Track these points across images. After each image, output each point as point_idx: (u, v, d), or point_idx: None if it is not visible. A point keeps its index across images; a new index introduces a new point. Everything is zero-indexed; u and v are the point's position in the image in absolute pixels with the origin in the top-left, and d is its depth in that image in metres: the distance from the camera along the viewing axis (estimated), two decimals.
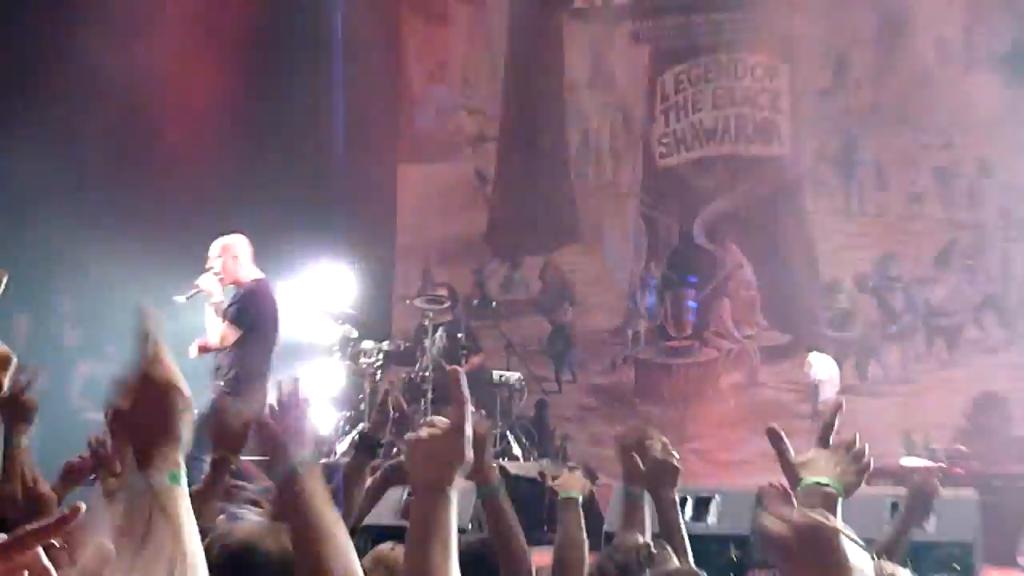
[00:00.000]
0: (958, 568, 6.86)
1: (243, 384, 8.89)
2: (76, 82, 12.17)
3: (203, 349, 9.00)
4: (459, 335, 11.68)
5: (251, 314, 9.00)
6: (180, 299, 8.80)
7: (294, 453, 2.13)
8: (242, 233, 10.71)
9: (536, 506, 8.71)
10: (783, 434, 2.83)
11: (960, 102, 11.54)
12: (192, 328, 9.53)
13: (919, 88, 11.73)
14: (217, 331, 8.89)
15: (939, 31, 11.70)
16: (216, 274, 8.93)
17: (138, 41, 12.37)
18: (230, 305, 8.91)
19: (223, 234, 10.66)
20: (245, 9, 13.12)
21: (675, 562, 4.04)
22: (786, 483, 3.60)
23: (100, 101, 12.39)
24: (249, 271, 9.02)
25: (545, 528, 7.99)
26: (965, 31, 11.64)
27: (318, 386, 11.27)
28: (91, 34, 12.06)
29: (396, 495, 7.15)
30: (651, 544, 4.02)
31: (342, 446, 10.71)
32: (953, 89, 11.59)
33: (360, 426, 10.60)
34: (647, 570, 3.91)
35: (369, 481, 4.53)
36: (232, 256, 8.99)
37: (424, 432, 1.92)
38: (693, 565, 4.20)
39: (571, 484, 4.33)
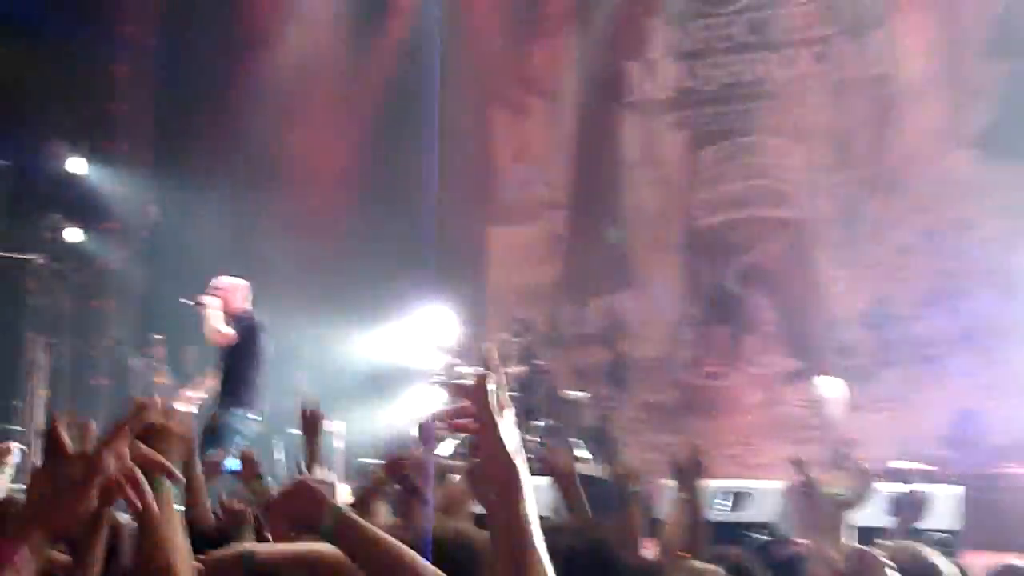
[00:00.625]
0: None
1: (240, 382, 8.81)
2: (237, 158, 12.73)
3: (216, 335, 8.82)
4: (536, 361, 11.70)
5: (255, 329, 8.89)
6: (184, 301, 8.88)
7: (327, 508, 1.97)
8: (366, 281, 11.51)
9: (604, 500, 9.32)
10: (803, 459, 3.58)
11: (941, 174, 11.55)
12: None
13: (907, 163, 11.80)
14: (224, 333, 8.72)
15: (924, 116, 11.73)
16: (217, 296, 8.83)
17: (285, 122, 12.91)
18: (242, 318, 8.85)
19: (360, 283, 11.38)
20: (367, 99, 13.40)
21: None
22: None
23: (256, 173, 12.91)
24: (243, 305, 8.99)
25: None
26: (944, 116, 11.65)
27: (429, 405, 11.42)
28: (251, 119, 12.54)
29: None
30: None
31: (447, 450, 10.58)
32: (935, 163, 11.63)
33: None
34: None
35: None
36: (235, 291, 8.94)
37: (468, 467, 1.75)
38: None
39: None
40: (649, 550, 4.23)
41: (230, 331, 8.76)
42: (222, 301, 8.85)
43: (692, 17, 13.02)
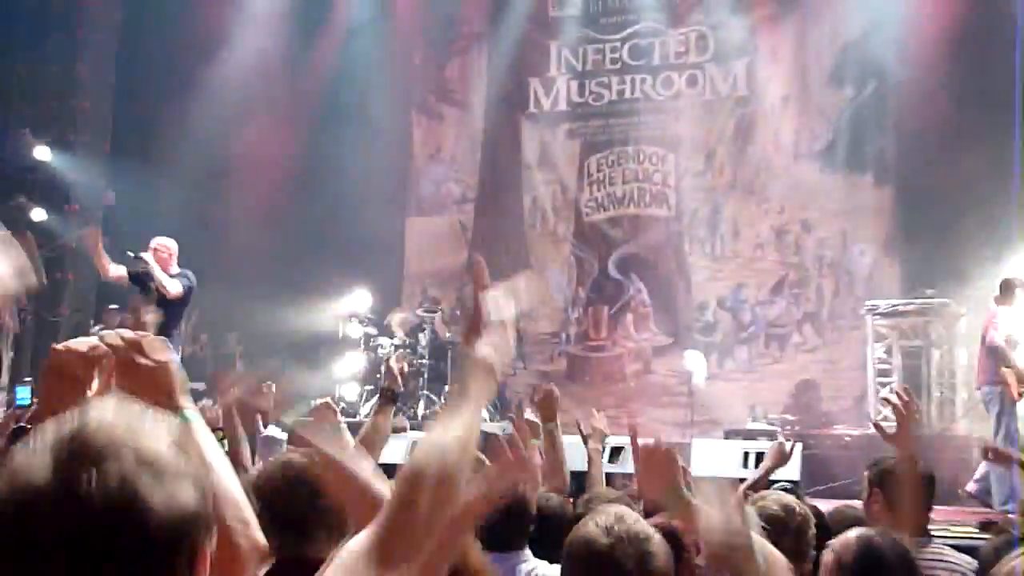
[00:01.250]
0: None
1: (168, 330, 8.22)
2: (189, 150, 12.19)
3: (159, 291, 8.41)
4: (447, 333, 11.70)
5: (190, 285, 8.62)
6: (130, 255, 8.49)
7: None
8: (300, 262, 11.36)
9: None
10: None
11: (790, 181, 11.81)
12: None
13: (762, 171, 11.98)
14: (172, 287, 8.35)
15: (776, 132, 11.97)
16: (157, 254, 8.45)
17: (234, 118, 12.57)
18: (181, 275, 8.58)
19: (278, 261, 11.22)
20: (305, 95, 13.21)
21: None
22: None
23: (207, 163, 12.46)
24: (174, 264, 8.68)
25: None
26: (794, 133, 11.87)
27: (348, 368, 11.64)
28: (203, 115, 12.19)
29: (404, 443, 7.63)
30: None
31: (364, 410, 10.61)
32: (785, 172, 11.85)
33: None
34: None
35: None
36: (170, 252, 8.64)
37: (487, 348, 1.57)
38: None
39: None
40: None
41: (177, 284, 8.48)
42: (160, 259, 8.55)
43: (585, 42, 13.00)
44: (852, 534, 2.61)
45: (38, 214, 11.86)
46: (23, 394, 9.51)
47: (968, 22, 10.40)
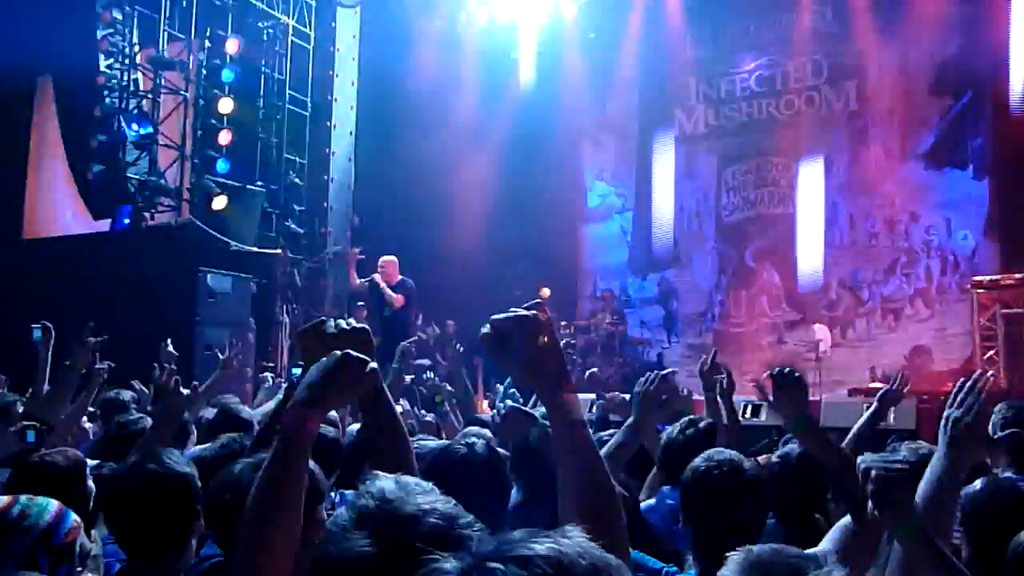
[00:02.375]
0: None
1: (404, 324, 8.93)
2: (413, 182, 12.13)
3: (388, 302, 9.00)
4: (614, 317, 12.82)
5: (409, 291, 9.21)
6: (365, 282, 9.03)
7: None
8: (500, 266, 11.52)
9: None
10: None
11: (899, 179, 11.61)
12: None
13: (874, 172, 11.72)
14: (396, 300, 8.99)
15: (884, 139, 11.61)
16: (383, 270, 9.12)
17: (451, 154, 12.19)
18: (402, 283, 9.05)
19: (487, 265, 11.50)
20: (499, 133, 12.64)
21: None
22: None
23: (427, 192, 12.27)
24: (396, 274, 9.23)
25: None
26: (900, 138, 11.51)
27: None
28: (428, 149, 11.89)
29: None
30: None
31: None
32: (894, 172, 11.63)
33: None
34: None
35: None
36: (394, 266, 9.21)
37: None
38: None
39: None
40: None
41: (398, 296, 8.96)
42: (384, 275, 9.08)
43: (719, 76, 12.96)
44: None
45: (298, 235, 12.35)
46: (296, 371, 10.41)
47: None
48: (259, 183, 11.73)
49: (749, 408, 8.56)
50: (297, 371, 4.76)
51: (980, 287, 9.88)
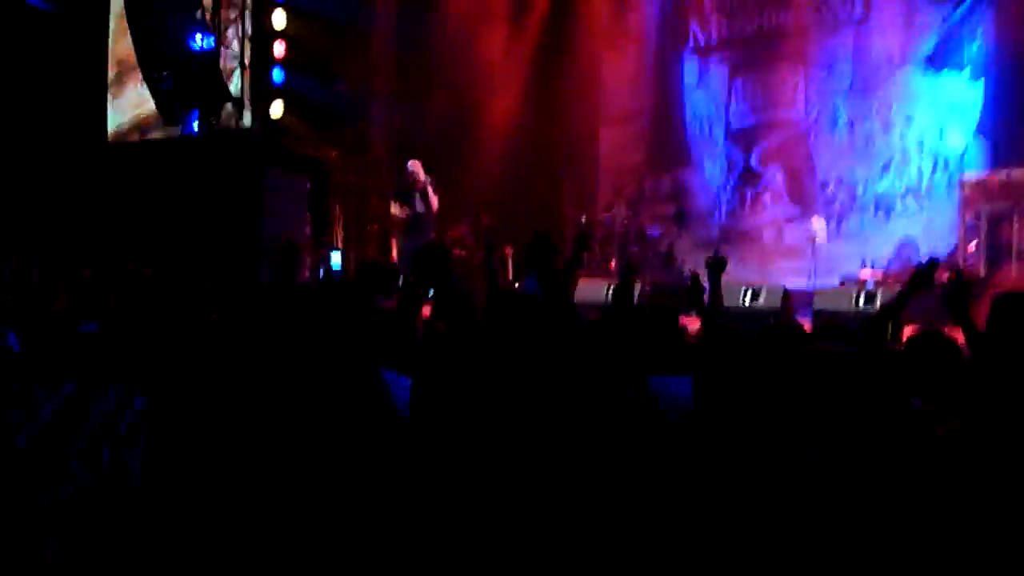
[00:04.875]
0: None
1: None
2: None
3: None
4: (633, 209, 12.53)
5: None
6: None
7: None
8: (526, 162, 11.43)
9: None
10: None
11: (898, 82, 11.01)
12: None
13: (873, 76, 11.24)
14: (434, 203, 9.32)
15: (885, 44, 11.11)
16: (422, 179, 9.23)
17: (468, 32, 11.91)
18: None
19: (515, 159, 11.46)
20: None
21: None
22: None
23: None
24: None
25: None
26: (899, 44, 11.00)
27: None
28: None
29: None
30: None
31: None
32: (893, 76, 11.04)
33: None
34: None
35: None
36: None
37: None
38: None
39: None
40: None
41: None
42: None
43: None
44: None
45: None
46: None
47: None
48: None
49: (749, 293, 8.63)
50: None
51: (967, 185, 9.62)
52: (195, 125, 10.74)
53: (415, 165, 9.37)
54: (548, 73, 12.42)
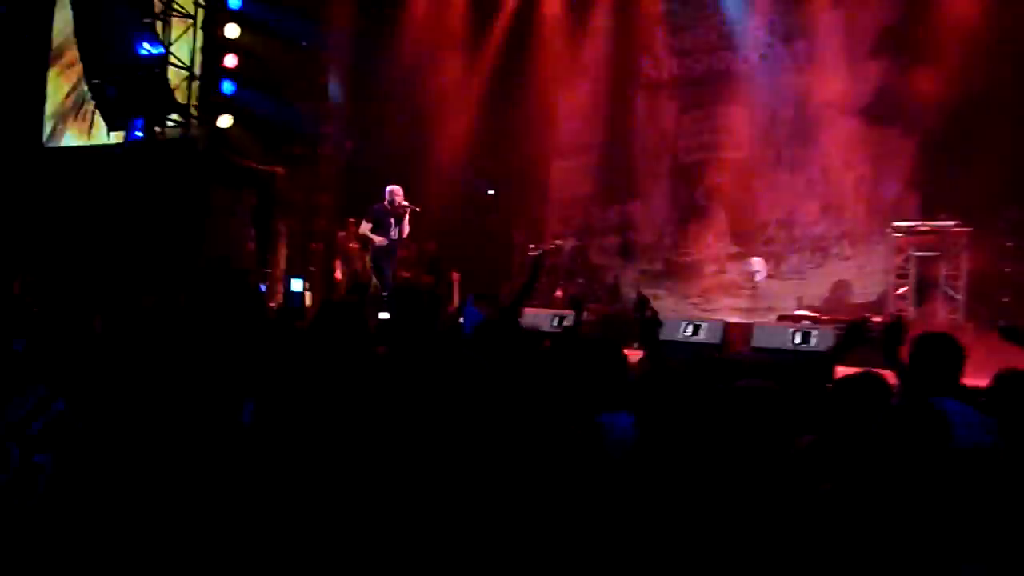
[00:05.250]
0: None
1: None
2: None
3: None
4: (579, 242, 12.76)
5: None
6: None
7: None
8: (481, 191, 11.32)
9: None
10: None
11: (838, 132, 11.15)
12: None
13: (816, 124, 11.28)
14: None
15: (827, 96, 11.24)
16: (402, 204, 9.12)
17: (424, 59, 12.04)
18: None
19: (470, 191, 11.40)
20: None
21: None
22: None
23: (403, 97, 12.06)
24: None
25: None
26: (840, 94, 11.13)
27: None
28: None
29: None
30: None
31: None
32: (833, 126, 11.16)
33: None
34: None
35: None
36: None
37: None
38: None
39: None
40: None
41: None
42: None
43: (684, 30, 12.70)
44: None
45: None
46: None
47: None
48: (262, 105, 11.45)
49: (691, 327, 8.69)
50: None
51: (899, 231, 9.88)
52: (138, 133, 10.43)
53: (396, 191, 9.27)
54: (502, 103, 12.43)
